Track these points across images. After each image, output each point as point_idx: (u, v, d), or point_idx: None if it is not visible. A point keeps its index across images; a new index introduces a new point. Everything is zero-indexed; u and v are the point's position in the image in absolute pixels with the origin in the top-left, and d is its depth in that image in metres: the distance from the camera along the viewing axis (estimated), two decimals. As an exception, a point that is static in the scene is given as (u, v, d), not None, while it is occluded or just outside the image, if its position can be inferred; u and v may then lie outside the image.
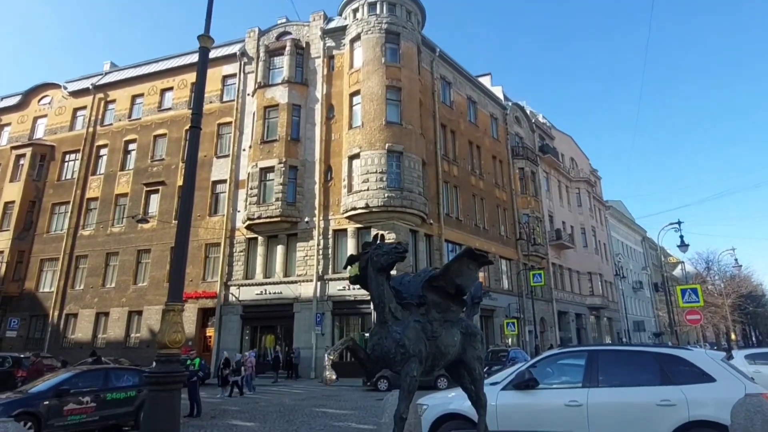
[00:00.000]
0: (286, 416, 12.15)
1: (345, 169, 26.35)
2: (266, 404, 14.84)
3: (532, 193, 39.03)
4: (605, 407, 5.58)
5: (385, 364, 2.47)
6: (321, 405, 14.44)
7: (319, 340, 24.90)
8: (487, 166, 35.20)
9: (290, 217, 26.68)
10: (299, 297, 25.93)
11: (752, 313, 60.82)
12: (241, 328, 27.29)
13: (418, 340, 2.52)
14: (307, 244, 26.61)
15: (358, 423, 11.05)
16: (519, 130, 41.68)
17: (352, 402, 15.34)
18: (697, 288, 19.40)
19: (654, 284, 63.08)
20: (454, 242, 29.50)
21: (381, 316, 2.49)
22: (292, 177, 27.40)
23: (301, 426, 10.57)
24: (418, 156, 26.51)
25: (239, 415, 12.55)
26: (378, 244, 2.62)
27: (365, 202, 24.79)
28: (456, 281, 2.70)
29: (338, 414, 12.57)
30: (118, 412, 10.20)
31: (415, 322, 2.63)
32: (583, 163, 55.58)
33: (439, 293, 2.76)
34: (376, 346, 2.49)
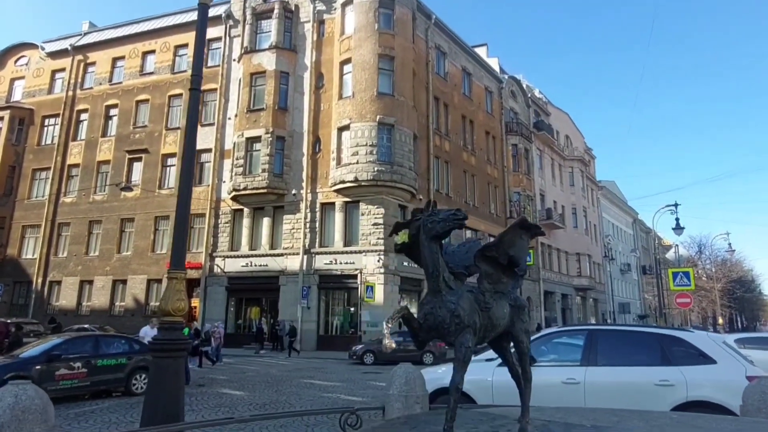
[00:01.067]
0: (274, 386, 12.67)
1: (334, 141, 26.43)
2: (253, 375, 15.36)
3: (524, 170, 39.44)
4: (603, 386, 5.78)
5: (437, 334, 2.51)
6: (308, 377, 14.99)
7: (304, 313, 25.45)
8: (479, 141, 35.44)
9: (277, 189, 26.84)
10: (285, 270, 26.33)
11: (740, 298, 62.58)
12: (227, 299, 27.74)
13: (473, 311, 2.51)
14: (293, 217, 26.88)
15: (346, 395, 11.58)
16: (514, 105, 41.80)
17: (338, 374, 15.91)
18: (690, 272, 19.89)
19: (642, 267, 64.57)
20: (443, 219, 29.95)
21: (435, 285, 2.48)
22: (279, 148, 27.44)
23: (290, 396, 11.07)
24: (409, 129, 26.65)
25: (228, 384, 13.03)
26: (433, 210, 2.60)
27: (354, 175, 25.00)
28: (509, 252, 2.70)
29: (326, 386, 13.12)
30: (108, 378, 10.65)
31: (468, 292, 2.61)
32: (578, 142, 56.03)
33: (492, 264, 2.75)
34: (429, 316, 2.47)
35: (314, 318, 25.72)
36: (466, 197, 32.69)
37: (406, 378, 4.26)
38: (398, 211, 26.42)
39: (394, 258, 25.11)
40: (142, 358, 10.98)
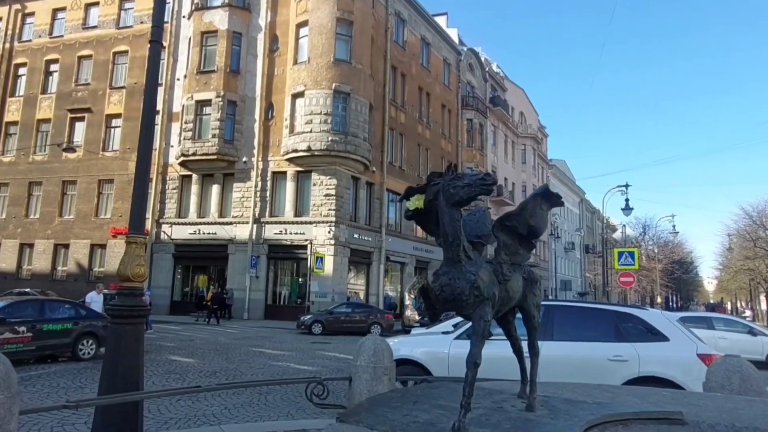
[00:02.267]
0: (223, 354, 13.00)
1: (288, 108, 26.19)
2: (202, 342, 15.58)
3: (478, 146, 40.27)
4: (558, 360, 5.89)
5: (454, 306, 2.37)
6: (257, 345, 15.38)
7: (253, 282, 25.62)
8: (435, 114, 35.87)
9: (227, 156, 26.48)
10: (234, 239, 26.28)
11: (678, 278, 66.14)
12: (174, 267, 27.46)
13: (492, 283, 2.39)
14: (244, 185, 26.67)
15: (296, 364, 12.08)
16: (471, 79, 42.29)
17: (287, 344, 16.37)
18: (634, 251, 20.99)
19: (586, 246, 67.63)
20: (395, 192, 30.44)
21: (454, 255, 2.33)
22: (230, 113, 26.93)
23: (240, 364, 11.44)
24: (365, 99, 26.71)
25: (176, 351, 13.24)
26: (456, 174, 2.38)
27: (307, 144, 24.98)
28: (530, 222, 2.62)
29: (275, 354, 13.56)
30: (54, 343, 10.74)
31: (487, 263, 2.50)
32: (532, 119, 57.45)
33: (510, 234, 2.65)
34: (446, 287, 2.32)
35: (263, 287, 25.95)
36: (419, 171, 33.24)
37: (374, 349, 4.28)
38: (351, 183, 26.71)
39: (344, 230, 25.54)
40: (88, 324, 11.05)
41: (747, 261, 40.25)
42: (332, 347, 15.95)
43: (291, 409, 7.49)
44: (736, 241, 44.50)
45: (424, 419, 2.13)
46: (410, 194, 2.54)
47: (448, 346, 6.76)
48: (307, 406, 7.64)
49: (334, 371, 11.11)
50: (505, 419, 2.15)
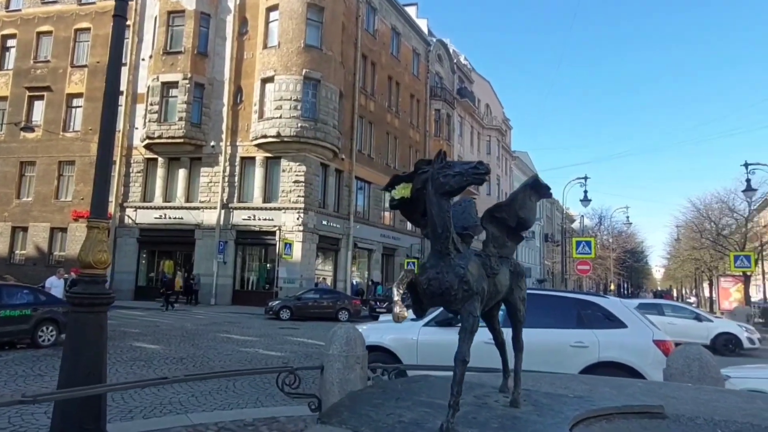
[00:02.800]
0: (190, 340, 12.63)
1: (257, 93, 25.50)
2: (167, 328, 15.13)
3: (445, 136, 40.33)
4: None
5: (442, 301, 2.23)
6: (224, 331, 15.03)
7: (220, 268, 25.04)
8: (404, 104, 35.68)
9: (194, 140, 25.64)
10: (201, 224, 25.58)
11: (630, 267, 68.47)
12: (138, 251, 26.55)
13: (481, 277, 2.25)
14: (211, 170, 25.92)
15: (265, 349, 11.84)
16: (440, 69, 42.21)
17: (255, 329, 16.07)
18: (591, 241, 21.52)
19: (545, 235, 69.19)
20: (364, 180, 30.28)
21: (443, 247, 2.17)
22: (198, 96, 26.03)
23: (207, 350, 11.14)
24: (336, 86, 26.27)
25: (141, 337, 12.79)
26: (446, 162, 2.18)
27: (277, 130, 24.42)
28: (519, 214, 2.50)
29: (243, 340, 13.27)
30: (12, 329, 10.20)
31: (476, 256, 2.35)
32: (497, 111, 57.99)
33: (499, 226, 2.52)
34: (434, 281, 2.16)
35: (230, 273, 25.42)
36: (387, 159, 33.09)
37: (347, 338, 4.16)
38: (320, 170, 26.34)
39: (313, 216, 25.20)
40: (48, 310, 10.50)
41: (693, 251, 41.80)
42: (300, 333, 15.75)
43: (260, 396, 7.32)
44: (684, 232, 45.93)
45: (409, 418, 2.02)
46: (396, 182, 2.39)
47: (417, 332, 6.73)
48: (276, 393, 7.45)
49: (302, 357, 10.95)
50: (493, 417, 2.06)
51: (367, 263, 31.23)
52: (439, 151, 2.27)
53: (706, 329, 15.11)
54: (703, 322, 15.65)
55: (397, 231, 33.69)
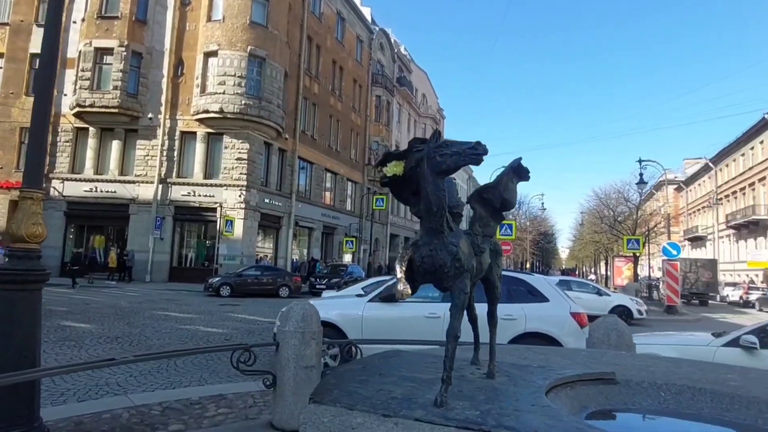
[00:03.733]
0: (125, 318, 11.64)
1: (199, 67, 23.90)
2: (98, 306, 13.91)
3: (385, 122, 40.24)
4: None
5: (434, 278, 2.15)
6: (161, 308, 14.06)
7: (157, 244, 23.51)
8: (347, 88, 35.01)
9: (130, 111, 23.67)
10: (137, 198, 23.81)
11: (542, 248, 73.04)
12: (65, 226, 24.29)
13: (470, 255, 2.20)
14: (149, 143, 24.11)
15: (205, 326, 11.14)
16: (381, 58, 41.81)
17: (194, 306, 15.19)
18: (513, 224, 22.51)
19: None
20: (306, 160, 29.50)
21: (438, 225, 2.11)
22: (135, 65, 23.98)
23: (144, 329, 10.28)
24: (281, 66, 25.16)
25: (69, 316, 11.63)
26: (444, 141, 2.12)
27: (220, 106, 23.07)
28: (504, 195, 2.49)
29: (183, 318, 12.46)
30: None
31: (466, 234, 2.32)
32: (432, 101, 58.53)
33: (485, 206, 2.51)
34: (427, 258, 2.09)
35: (167, 249, 23.93)
36: (330, 141, 32.43)
37: (303, 315, 4.07)
38: (263, 148, 25.28)
39: (255, 194, 24.21)
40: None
41: (594, 234, 45.24)
42: (241, 309, 15.08)
43: (203, 374, 6.81)
44: (587, 218, 49.57)
45: (399, 394, 1.94)
46: (388, 159, 2.22)
47: (362, 308, 6.79)
48: (221, 371, 7.02)
49: (245, 333, 10.44)
50: (476, 389, 2.04)
51: (307, 241, 30.62)
52: (435, 131, 2.14)
53: (605, 302, 16.21)
54: (603, 297, 16.85)
55: (337, 210, 33.28)
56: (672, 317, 19.06)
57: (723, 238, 46.90)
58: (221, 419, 4.50)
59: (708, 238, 50.24)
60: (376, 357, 2.81)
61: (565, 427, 1.61)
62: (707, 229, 50.46)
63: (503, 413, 1.72)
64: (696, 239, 52.83)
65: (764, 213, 37.88)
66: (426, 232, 2.16)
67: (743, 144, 42.36)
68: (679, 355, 3.79)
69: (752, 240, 40.38)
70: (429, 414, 1.68)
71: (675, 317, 19.10)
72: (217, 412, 4.71)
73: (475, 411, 1.73)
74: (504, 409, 1.76)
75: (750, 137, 40.97)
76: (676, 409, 2.19)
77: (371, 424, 1.63)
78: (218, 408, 4.82)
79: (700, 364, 3.18)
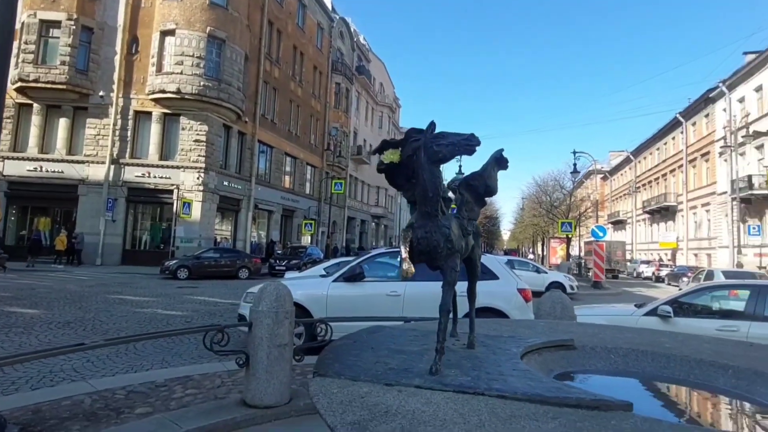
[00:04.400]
0: (76, 303, 10.84)
1: (155, 45, 22.50)
2: (46, 290, 12.89)
3: (343, 109, 39.72)
4: (418, 296, 6.47)
5: (428, 258, 2.26)
6: (115, 292, 13.23)
7: (108, 226, 22.18)
8: (307, 74, 34.17)
9: (79, 87, 22.02)
10: (87, 179, 22.30)
11: (488, 230, 75.70)
12: (6, 207, 22.39)
13: (460, 237, 2.35)
14: (100, 122, 22.56)
15: (164, 309, 10.57)
16: (341, 46, 41.08)
17: (150, 290, 14.42)
18: None
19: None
20: (266, 144, 28.65)
21: (433, 210, 2.23)
22: (85, 40, 22.27)
23: (98, 313, 9.60)
24: (241, 49, 24.11)
25: (14, 302, 10.70)
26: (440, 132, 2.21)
27: (177, 86, 21.87)
28: (488, 183, 2.62)
29: (139, 301, 11.77)
30: None
31: (455, 218, 2.45)
32: (389, 90, 58.32)
33: (472, 193, 2.65)
34: (423, 240, 2.21)
35: (120, 232, 22.62)
36: (290, 126, 31.62)
37: (277, 295, 4.01)
38: (222, 131, 24.27)
39: (214, 177, 23.26)
40: None
41: (533, 218, 47.38)
42: (200, 292, 14.47)
43: (166, 357, 6.44)
44: (527, 203, 51.84)
45: (395, 365, 2.06)
46: (385, 147, 2.36)
47: (327, 288, 6.83)
48: (183, 353, 6.68)
49: (206, 315, 9.99)
50: (463, 359, 2.19)
51: (266, 224, 29.86)
52: (431, 122, 2.24)
53: (543, 279, 17.22)
54: (541, 274, 17.90)
55: (296, 194, 32.64)
56: (598, 291, 20.53)
57: (640, 222, 50.30)
58: (190, 400, 4.22)
59: (627, 222, 53.77)
60: (363, 332, 2.85)
61: (546, 386, 1.77)
62: (627, 213, 53.96)
63: (491, 378, 1.87)
64: (618, 222, 56.39)
65: (673, 200, 41.07)
66: (421, 215, 2.29)
67: (658, 139, 45.61)
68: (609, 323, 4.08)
69: (663, 224, 43.75)
70: (427, 381, 1.81)
71: (600, 291, 20.56)
72: (185, 393, 4.41)
73: (467, 377, 1.88)
74: (491, 374, 1.92)
75: (664, 134, 44.18)
76: (624, 369, 2.48)
77: (377, 393, 1.71)
78: (185, 389, 4.53)
79: (639, 330, 3.56)
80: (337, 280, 6.93)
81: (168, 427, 3.53)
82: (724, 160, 31.07)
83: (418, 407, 1.53)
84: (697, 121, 37.19)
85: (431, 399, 1.63)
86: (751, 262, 26.27)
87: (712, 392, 2.24)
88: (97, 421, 3.61)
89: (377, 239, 52.83)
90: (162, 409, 3.92)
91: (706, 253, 35.04)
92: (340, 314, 6.18)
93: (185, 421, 3.63)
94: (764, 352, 2.64)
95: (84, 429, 3.47)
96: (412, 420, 1.42)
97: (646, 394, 2.38)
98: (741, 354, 2.57)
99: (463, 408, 1.54)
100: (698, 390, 2.30)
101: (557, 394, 1.66)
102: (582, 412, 1.54)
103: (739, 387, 2.18)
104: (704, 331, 4.37)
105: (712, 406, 2.24)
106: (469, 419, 1.44)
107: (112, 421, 3.64)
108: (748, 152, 29.48)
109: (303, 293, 6.80)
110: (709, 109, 34.88)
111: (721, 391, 2.21)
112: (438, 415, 1.46)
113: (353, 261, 7.64)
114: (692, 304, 5.83)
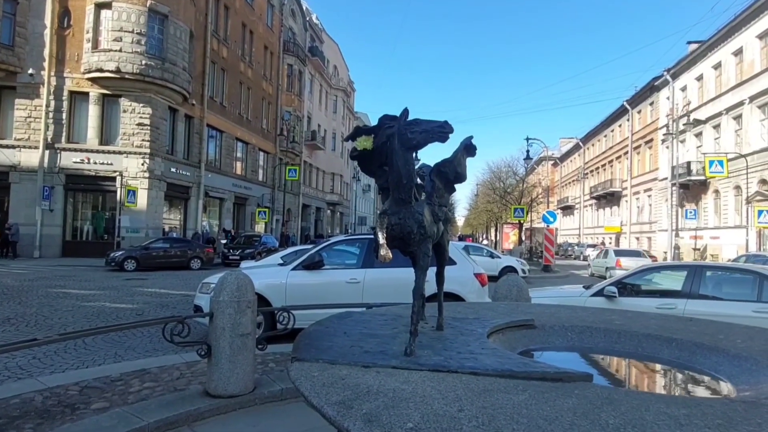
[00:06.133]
0: (15, 298, 10.23)
1: (90, 19, 21.12)
2: (-22, 285, 12.07)
3: (297, 92, 38.93)
4: (377, 282, 6.68)
5: (401, 244, 2.32)
6: (58, 286, 12.58)
7: (46, 216, 20.91)
8: (258, 55, 33.16)
9: (5, 64, 20.46)
10: (18, 165, 20.88)
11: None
12: (-75, 195, 20.63)
13: (432, 223, 2.42)
14: (30, 103, 21.07)
15: (112, 302, 10.16)
16: (293, 25, 40.07)
17: (96, 282, 13.79)
18: None
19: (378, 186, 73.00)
20: (216, 128, 27.73)
21: (407, 196, 2.28)
22: (8, 11, 20.63)
23: (41, 308, 9.12)
24: (186, 25, 23.05)
25: (-58, 296, 9.97)
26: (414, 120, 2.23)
27: (116, 65, 20.70)
28: (457, 169, 2.67)
29: (84, 294, 11.24)
30: None
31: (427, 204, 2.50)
32: (344, 73, 57.62)
33: (442, 179, 2.69)
34: (396, 226, 2.27)
35: (59, 222, 21.38)
36: (240, 109, 30.69)
37: (238, 284, 4.03)
38: (168, 114, 23.26)
39: (160, 163, 22.34)
40: None
41: (488, 204, 48.71)
42: (150, 283, 13.99)
43: (118, 350, 6.26)
44: (482, 189, 53.22)
45: (370, 347, 2.14)
46: (358, 134, 2.39)
47: (286, 276, 6.87)
48: (136, 346, 6.52)
49: (158, 307, 9.72)
50: (432, 340, 2.30)
51: (218, 212, 29.05)
52: (404, 109, 2.25)
53: (496, 264, 17.83)
54: (494, 259, 18.55)
55: (249, 181, 31.87)
56: (548, 274, 21.65)
57: (587, 207, 52.82)
58: (148, 393, 4.15)
59: (576, 207, 56.23)
60: (333, 318, 2.91)
61: (515, 362, 1.91)
62: (576, 199, 56.34)
63: (462, 357, 1.98)
64: (567, 208, 58.94)
65: (619, 186, 43.30)
66: (395, 201, 2.32)
67: (606, 127, 47.74)
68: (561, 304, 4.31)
69: (609, 209, 46.21)
70: (403, 362, 1.90)
71: (550, 274, 21.69)
72: (143, 386, 4.34)
73: (439, 356, 1.98)
74: (462, 354, 2.03)
75: (612, 121, 46.23)
76: (580, 345, 2.68)
77: (356, 374, 1.78)
78: (143, 383, 4.45)
79: (593, 309, 3.85)
80: (296, 269, 6.96)
81: (129, 420, 3.47)
82: (666, 147, 32.83)
83: (398, 386, 1.62)
84: (643, 109, 38.96)
85: (409, 378, 1.73)
86: (687, 244, 28.25)
87: (659, 363, 2.48)
88: (51, 419, 3.50)
89: (333, 227, 52.59)
90: (120, 404, 3.84)
91: (647, 237, 37.30)
92: (300, 302, 6.24)
93: (147, 413, 3.59)
94: (702, 326, 2.90)
95: (38, 427, 3.36)
96: (393, 398, 1.50)
97: (602, 367, 2.61)
98: (682, 328, 2.82)
99: (440, 385, 1.64)
100: (647, 361, 2.53)
101: (524, 368, 1.80)
102: (548, 384, 1.68)
103: (682, 357, 2.41)
104: (646, 309, 4.71)
105: (660, 375, 2.47)
106: (447, 395, 1.54)
107: (67, 417, 3.54)
108: (689, 140, 31.43)
109: (261, 282, 6.74)
110: (654, 97, 36.72)
111: (666, 361, 2.45)
112: (417, 392, 1.55)
113: (312, 249, 7.66)
114: (635, 284, 6.25)
